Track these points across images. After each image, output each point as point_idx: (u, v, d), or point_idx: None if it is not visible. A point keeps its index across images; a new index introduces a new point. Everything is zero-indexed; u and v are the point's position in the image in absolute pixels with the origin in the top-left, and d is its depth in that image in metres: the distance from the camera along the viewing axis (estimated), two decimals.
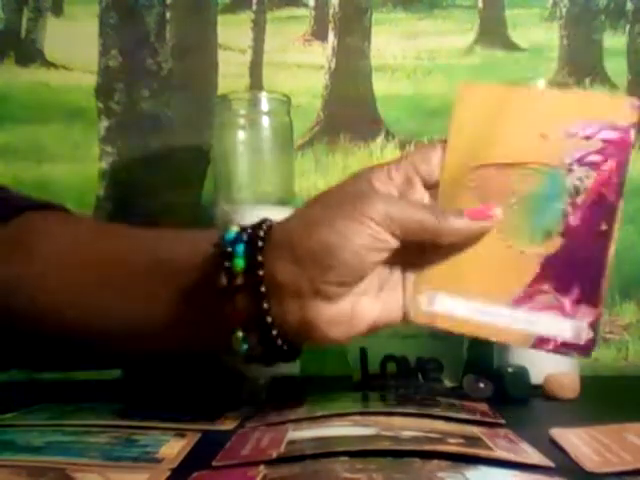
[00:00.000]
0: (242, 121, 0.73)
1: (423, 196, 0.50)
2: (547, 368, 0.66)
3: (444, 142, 0.51)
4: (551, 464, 0.41)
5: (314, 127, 0.89)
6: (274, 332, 0.47)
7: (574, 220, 0.48)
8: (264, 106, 0.73)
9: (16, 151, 0.88)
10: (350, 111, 0.90)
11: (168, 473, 0.40)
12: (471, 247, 0.49)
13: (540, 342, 0.48)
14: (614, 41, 0.91)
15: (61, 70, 0.90)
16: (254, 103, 0.74)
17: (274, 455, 0.42)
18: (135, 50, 0.89)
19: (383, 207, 0.46)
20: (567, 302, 0.47)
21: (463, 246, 0.49)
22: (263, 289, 0.46)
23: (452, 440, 0.44)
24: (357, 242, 0.45)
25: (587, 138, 0.48)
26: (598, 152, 0.47)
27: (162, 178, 0.88)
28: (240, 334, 0.47)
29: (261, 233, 0.48)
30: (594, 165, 0.47)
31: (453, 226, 0.47)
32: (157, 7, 0.89)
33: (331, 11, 0.91)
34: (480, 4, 0.91)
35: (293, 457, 0.41)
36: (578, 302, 0.47)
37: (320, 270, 0.46)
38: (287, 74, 0.90)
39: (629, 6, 0.91)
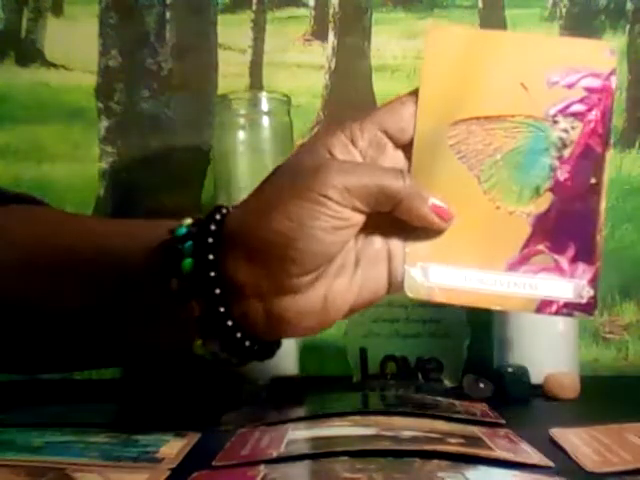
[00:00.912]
0: (242, 121, 0.73)
1: (396, 160, 0.44)
2: (547, 368, 0.66)
3: (414, 95, 0.46)
4: (551, 464, 0.41)
5: (314, 127, 0.89)
6: (238, 335, 0.42)
7: (562, 175, 0.45)
8: (264, 106, 0.73)
9: (16, 151, 0.88)
10: (350, 111, 0.90)
11: (168, 473, 0.40)
12: (459, 212, 0.45)
13: (543, 306, 0.45)
14: (614, 41, 0.91)
15: (61, 70, 0.90)
16: (254, 103, 0.74)
17: (274, 455, 0.42)
18: (135, 50, 0.89)
19: (339, 180, 0.40)
20: (564, 261, 0.45)
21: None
22: (217, 291, 0.41)
23: (452, 440, 0.44)
24: (315, 226, 0.40)
25: (569, 87, 0.45)
26: (581, 101, 0.45)
27: (162, 178, 0.88)
28: (199, 342, 0.42)
29: (212, 227, 0.42)
30: (579, 115, 0.45)
31: (417, 205, 0.43)
32: (157, 7, 0.89)
33: (331, 11, 0.90)
34: (480, 4, 0.91)
35: (293, 457, 0.41)
36: (575, 260, 0.45)
37: (279, 264, 0.41)
38: (287, 74, 0.90)
39: (629, 6, 0.91)
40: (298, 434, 0.47)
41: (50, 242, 0.47)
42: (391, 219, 0.43)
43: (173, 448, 0.45)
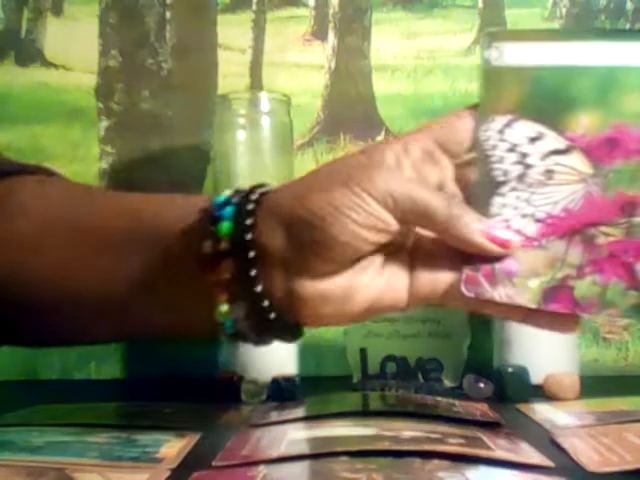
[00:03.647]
0: (242, 121, 0.73)
1: (447, 175, 0.43)
2: (547, 368, 0.66)
3: (473, 110, 0.44)
4: (551, 464, 0.41)
5: (314, 127, 0.89)
6: (265, 303, 0.42)
7: None
8: (264, 106, 0.73)
9: (16, 151, 0.88)
10: (350, 111, 0.90)
11: (168, 473, 0.40)
12: None
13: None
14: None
15: (61, 70, 0.90)
16: (254, 103, 0.74)
17: (274, 455, 0.42)
18: (135, 50, 0.89)
19: (384, 183, 0.40)
20: None
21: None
22: (252, 254, 0.42)
23: (452, 440, 0.44)
24: (351, 216, 0.40)
25: None
26: None
27: (162, 178, 0.88)
28: (225, 307, 0.42)
29: (253, 196, 0.43)
30: None
31: (463, 232, 0.41)
32: (157, 7, 0.89)
33: (331, 11, 0.91)
34: (480, 4, 0.91)
35: (293, 457, 0.41)
36: None
37: (309, 244, 0.41)
38: (287, 74, 0.90)
39: (629, 6, 0.91)
40: (298, 434, 0.47)
41: (70, 215, 0.47)
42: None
43: (173, 448, 0.45)
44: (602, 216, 0.42)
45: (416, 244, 0.44)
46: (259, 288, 0.42)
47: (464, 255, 0.42)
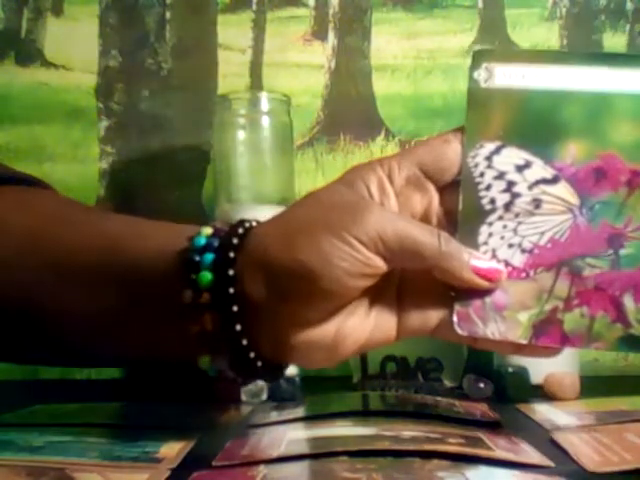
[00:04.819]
0: (242, 121, 0.73)
1: (432, 201, 0.42)
2: (547, 368, 0.66)
3: (459, 133, 0.42)
4: (551, 464, 0.41)
5: (314, 127, 0.89)
6: (251, 355, 0.40)
7: None
8: (264, 106, 0.73)
9: (16, 151, 0.88)
10: (350, 111, 0.90)
11: (168, 473, 0.40)
12: None
13: None
14: (614, 41, 0.91)
15: (61, 70, 0.90)
16: (254, 103, 0.74)
17: (274, 455, 0.42)
18: (135, 50, 0.89)
19: (373, 226, 0.39)
20: None
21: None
22: (235, 309, 0.40)
23: (452, 440, 0.44)
24: (341, 266, 0.38)
25: None
26: None
27: (162, 178, 0.88)
28: (208, 358, 0.41)
29: (235, 240, 0.40)
30: None
31: (453, 267, 0.40)
32: (157, 7, 0.89)
33: (331, 11, 0.91)
34: (480, 4, 0.91)
35: (293, 457, 0.41)
36: None
37: (297, 295, 0.39)
38: (287, 74, 0.90)
39: (629, 6, 0.91)
40: (298, 434, 0.47)
41: (48, 236, 0.45)
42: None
43: (173, 448, 0.45)
44: (588, 247, 0.42)
45: (404, 279, 0.43)
46: (244, 342, 0.40)
47: (454, 289, 0.41)
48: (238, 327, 0.40)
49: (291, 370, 0.68)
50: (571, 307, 0.41)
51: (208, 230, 0.41)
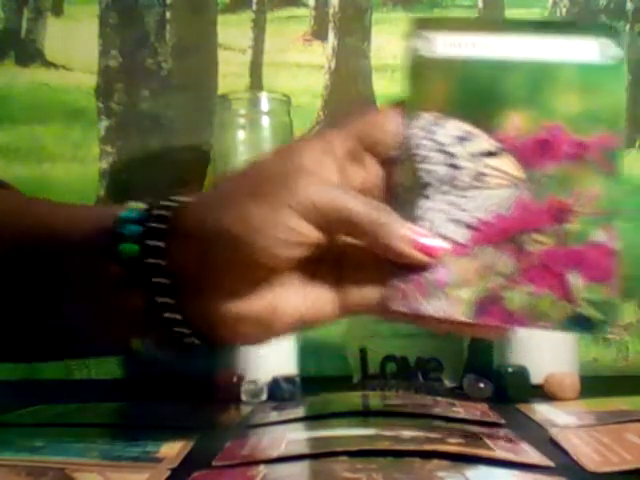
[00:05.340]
0: (242, 121, 0.73)
1: (373, 175, 0.40)
2: (547, 368, 0.66)
3: (400, 106, 0.41)
4: (551, 464, 0.41)
5: (314, 127, 0.89)
6: (185, 330, 0.40)
7: None
8: (264, 106, 0.73)
9: (16, 151, 0.88)
10: (350, 111, 0.90)
11: (168, 473, 0.40)
12: None
13: None
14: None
15: (61, 70, 0.90)
16: (254, 103, 0.74)
17: (274, 455, 0.42)
18: (135, 50, 0.89)
19: (305, 192, 0.37)
20: None
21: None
22: (164, 281, 0.38)
23: (452, 440, 0.44)
24: (271, 235, 0.37)
25: None
26: None
27: (162, 178, 0.88)
28: (139, 340, 0.40)
29: (164, 212, 0.39)
30: None
31: (391, 242, 0.38)
32: (157, 7, 0.89)
33: (331, 11, 0.91)
34: (480, 4, 0.91)
35: (293, 457, 0.41)
36: None
37: (225, 265, 0.38)
38: (287, 74, 0.90)
39: (629, 6, 0.91)
40: (298, 434, 0.47)
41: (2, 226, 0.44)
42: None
43: (173, 448, 0.45)
44: (534, 222, 0.40)
45: (343, 254, 0.41)
46: (177, 316, 0.39)
47: (394, 264, 0.40)
48: (168, 300, 0.39)
49: (291, 370, 0.69)
50: (515, 285, 0.40)
51: (140, 205, 0.41)
